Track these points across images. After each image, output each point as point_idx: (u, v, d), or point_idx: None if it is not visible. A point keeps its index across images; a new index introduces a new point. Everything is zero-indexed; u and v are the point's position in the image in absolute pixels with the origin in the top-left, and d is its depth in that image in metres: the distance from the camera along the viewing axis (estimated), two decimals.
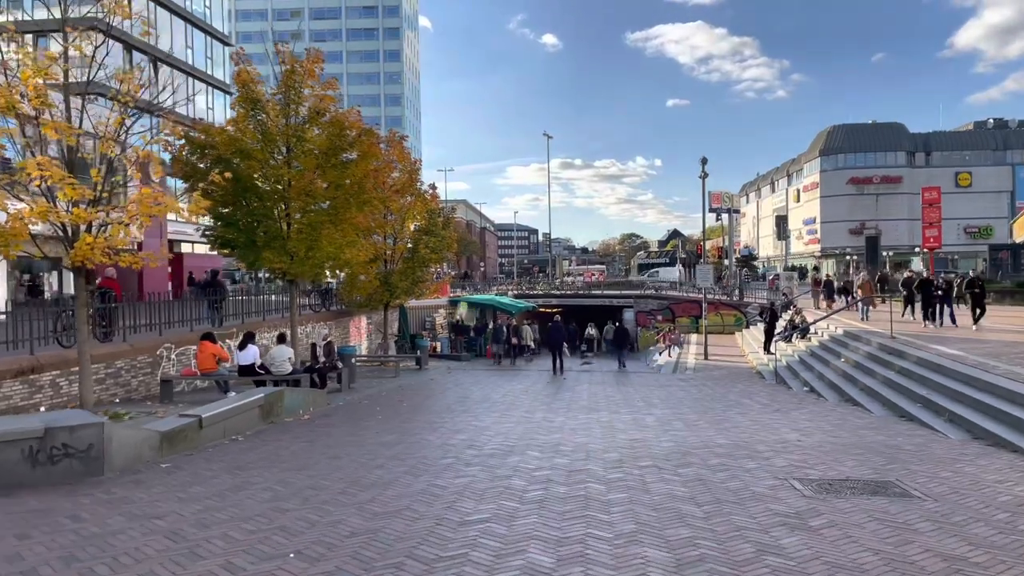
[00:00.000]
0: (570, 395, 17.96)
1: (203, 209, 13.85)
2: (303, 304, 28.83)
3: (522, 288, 56.06)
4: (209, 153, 19.57)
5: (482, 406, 15.48)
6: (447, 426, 12.46)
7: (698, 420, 13.28)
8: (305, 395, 14.52)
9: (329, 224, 20.44)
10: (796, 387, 20.12)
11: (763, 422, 13.04)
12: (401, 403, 16.18)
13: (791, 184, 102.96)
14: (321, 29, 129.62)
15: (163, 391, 16.27)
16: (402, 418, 13.45)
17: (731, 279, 43.39)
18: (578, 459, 9.33)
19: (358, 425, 12.49)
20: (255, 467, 8.83)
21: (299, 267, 20.46)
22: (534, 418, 13.45)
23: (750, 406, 15.62)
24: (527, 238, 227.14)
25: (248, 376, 16.24)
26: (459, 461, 9.14)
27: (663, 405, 15.81)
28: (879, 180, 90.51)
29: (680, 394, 18.39)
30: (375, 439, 10.95)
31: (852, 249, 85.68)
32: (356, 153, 21.29)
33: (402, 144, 29.17)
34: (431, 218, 29.33)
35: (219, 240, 20.15)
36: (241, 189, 19.87)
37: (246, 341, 16.34)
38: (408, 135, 30.43)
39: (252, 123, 20.13)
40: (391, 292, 28.23)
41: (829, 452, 9.86)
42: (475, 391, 18.96)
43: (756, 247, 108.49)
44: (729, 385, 20.64)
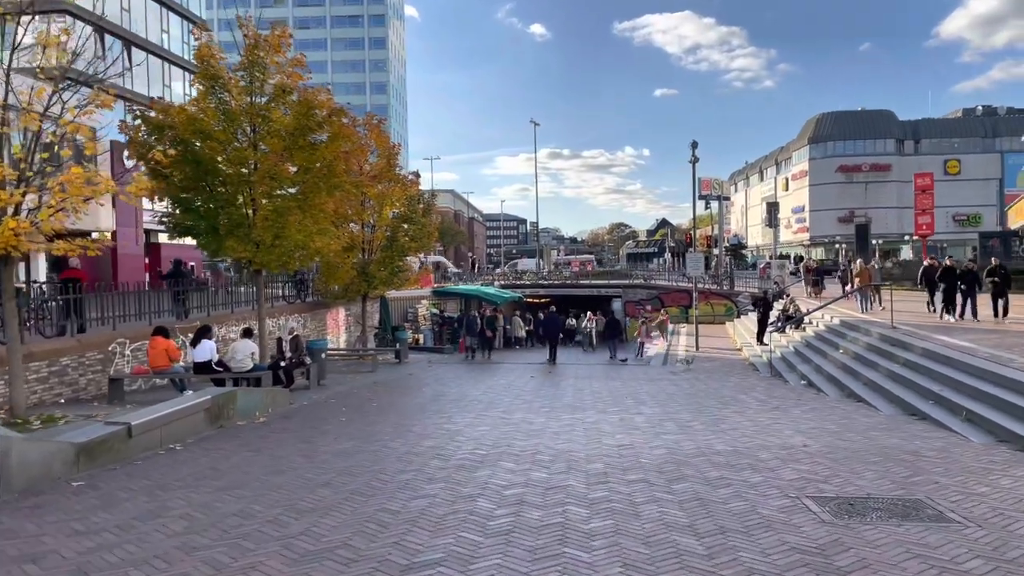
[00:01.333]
0: (554, 392, 16.78)
1: (146, 191, 12.55)
2: (276, 295, 27.58)
3: (509, 278, 54.86)
4: (167, 134, 18.19)
5: (458, 405, 14.28)
6: (415, 430, 11.26)
7: (692, 421, 12.12)
8: (263, 395, 13.28)
9: (297, 210, 19.14)
10: (793, 381, 19.03)
11: (763, 423, 11.90)
12: (371, 402, 14.96)
13: (780, 172, 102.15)
14: (305, 16, 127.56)
15: (112, 391, 14.99)
16: (367, 420, 12.23)
17: (721, 268, 42.29)
18: (557, 472, 8.15)
19: (316, 429, 11.27)
20: (182, 486, 7.60)
21: (265, 256, 19.16)
22: (512, 419, 12.26)
23: (747, 403, 14.49)
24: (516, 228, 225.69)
25: (204, 374, 14.97)
26: (421, 476, 7.93)
27: (653, 403, 14.66)
28: (868, 168, 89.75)
29: (671, 389, 17.25)
30: (331, 447, 9.73)
31: (842, 237, 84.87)
32: (326, 134, 20.00)
33: (380, 127, 27.84)
34: (410, 205, 28.01)
35: (178, 227, 18.82)
36: (202, 172, 18.56)
37: (200, 336, 15.07)
38: (386, 118, 29.02)
39: (214, 101, 18.79)
40: (369, 282, 26.95)
41: (842, 460, 8.71)
42: (453, 387, 17.77)
43: (745, 236, 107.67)
44: (723, 379, 19.52)
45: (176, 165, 18.33)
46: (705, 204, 50.40)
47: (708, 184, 41.62)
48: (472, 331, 28.77)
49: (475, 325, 28.71)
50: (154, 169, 18.69)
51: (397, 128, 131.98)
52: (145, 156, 18.55)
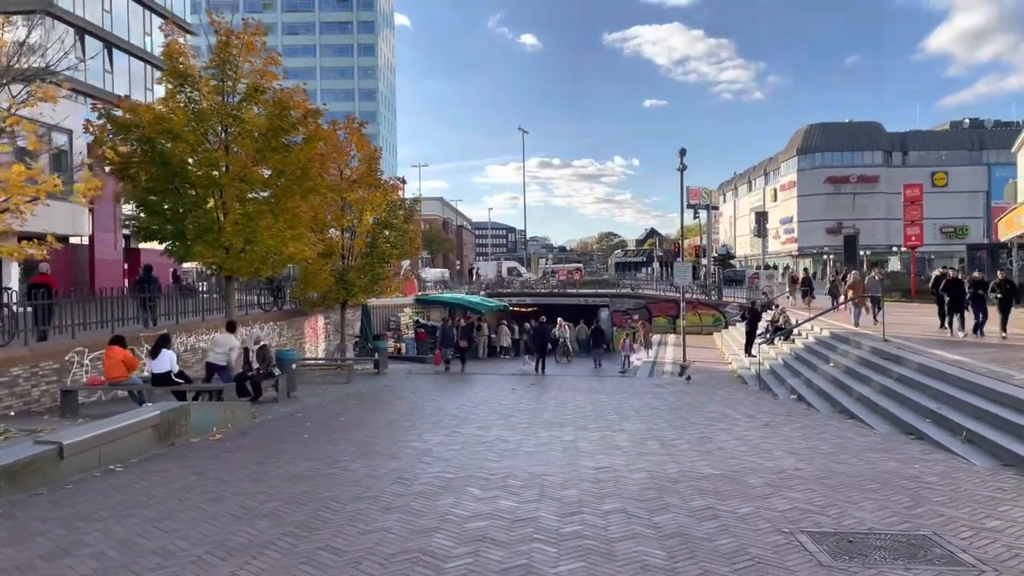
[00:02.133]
0: (534, 406, 16.04)
1: (96, 191, 11.75)
2: (251, 303, 26.75)
3: (495, 287, 54.10)
4: (133, 133, 17.42)
5: (431, 420, 13.53)
6: (381, 448, 10.50)
7: (677, 439, 11.42)
8: (221, 410, 12.48)
9: (269, 214, 18.40)
10: (782, 395, 18.36)
11: (752, 441, 11.21)
12: (339, 416, 14.18)
13: (768, 183, 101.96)
14: (294, 22, 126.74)
15: (64, 403, 14.15)
16: (331, 438, 11.46)
17: (709, 277, 41.71)
18: (528, 500, 7.42)
19: (274, 448, 10.49)
20: (108, 516, 6.83)
21: (235, 262, 18.42)
22: (487, 437, 11.52)
23: (735, 419, 13.80)
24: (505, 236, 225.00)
25: (164, 386, 14.15)
26: (376, 504, 7.19)
27: (637, 418, 13.94)
28: (856, 179, 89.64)
29: (656, 403, 16.55)
30: (284, 469, 8.96)
31: (830, 248, 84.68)
32: (301, 136, 19.29)
33: (360, 131, 27.08)
34: (391, 210, 27.26)
35: (142, 231, 18.01)
36: (170, 174, 17.80)
37: (160, 346, 14.24)
38: (368, 122, 28.27)
39: (183, 101, 18.05)
40: (348, 290, 26.15)
41: (837, 487, 8.02)
42: (429, 401, 17.01)
43: (734, 246, 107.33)
44: (710, 392, 18.84)
45: (142, 166, 17.62)
46: (694, 214, 49.88)
47: (697, 193, 41.06)
48: (447, 342, 26.81)
49: (451, 336, 26.81)
50: (120, 170, 17.97)
51: (386, 135, 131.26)
52: (110, 158, 17.83)
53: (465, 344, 27.00)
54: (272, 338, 25.27)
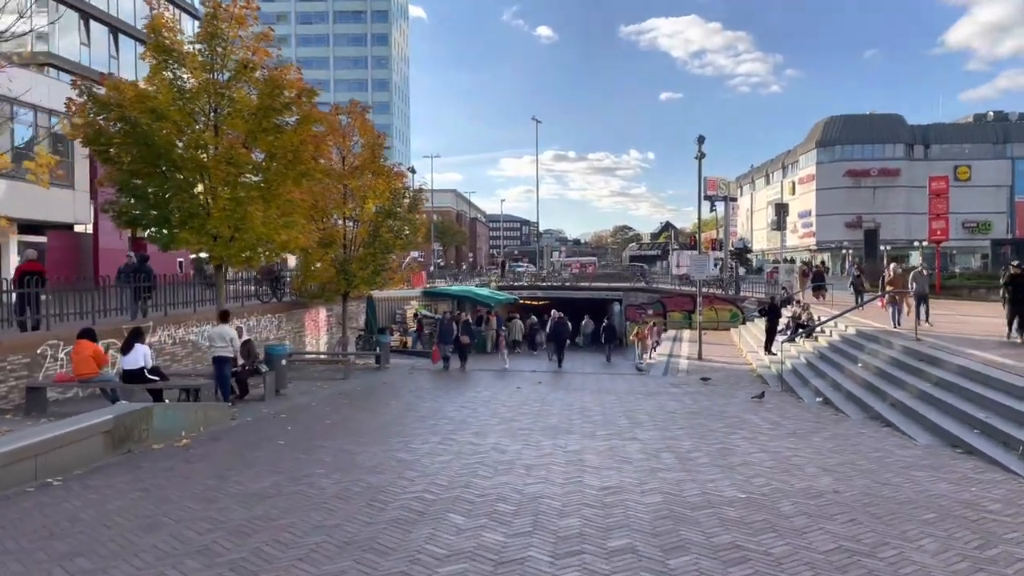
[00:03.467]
0: (538, 408, 14.83)
1: (48, 167, 10.62)
2: (248, 294, 25.68)
3: (506, 280, 52.92)
4: (114, 112, 16.31)
5: (424, 425, 12.35)
6: (362, 459, 9.33)
7: (694, 450, 10.19)
8: (192, 411, 11.36)
9: (260, 200, 17.26)
10: (807, 398, 17.09)
11: (779, 454, 9.97)
12: (326, 418, 13.02)
13: (786, 176, 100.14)
14: (307, 11, 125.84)
15: (30, 401, 13.13)
16: (310, 444, 10.30)
17: (726, 271, 40.33)
18: (519, 531, 6.23)
19: (242, 458, 9.35)
20: (13, 549, 5.70)
21: (223, 250, 17.30)
22: (482, 446, 10.33)
23: (757, 427, 12.55)
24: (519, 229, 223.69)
25: (136, 383, 13.05)
26: (336, 537, 6.02)
27: (651, 424, 12.71)
28: (877, 173, 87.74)
29: (672, 406, 15.31)
30: (245, 485, 7.82)
31: (849, 243, 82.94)
32: (295, 117, 18.14)
33: (364, 116, 25.90)
34: (395, 198, 26.06)
35: (123, 216, 16.91)
36: (153, 156, 16.67)
37: (132, 340, 13.14)
38: (371, 107, 27.08)
39: (169, 78, 16.91)
40: (349, 281, 25.02)
41: (886, 517, 6.80)
42: (427, 401, 15.84)
43: (750, 240, 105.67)
44: (728, 394, 17.57)
45: (123, 147, 16.50)
46: (711, 206, 48.42)
47: (714, 184, 39.66)
48: (446, 338, 24.56)
49: (450, 331, 24.56)
50: (100, 152, 16.90)
51: (400, 126, 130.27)
52: (92, 138, 16.74)
53: (467, 340, 24.90)
54: (270, 331, 24.24)
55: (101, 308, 17.66)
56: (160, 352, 18.40)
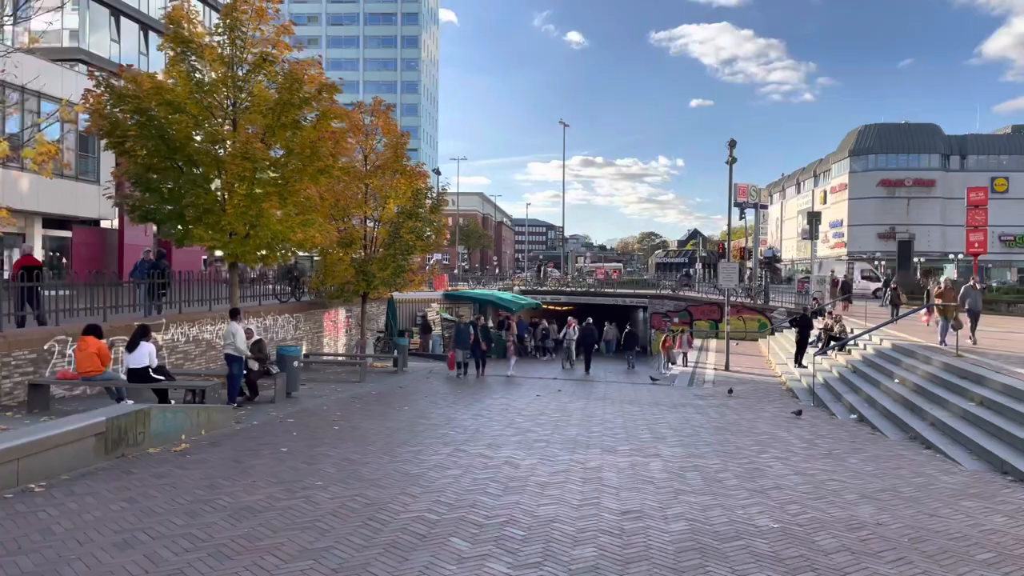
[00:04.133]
0: (557, 417, 14.19)
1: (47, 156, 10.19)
2: (267, 293, 25.32)
3: (529, 284, 52.28)
4: (129, 103, 15.95)
5: (436, 434, 11.77)
6: (365, 471, 8.76)
7: (723, 471, 9.50)
8: (193, 414, 10.86)
9: (276, 197, 16.83)
10: (840, 414, 16.29)
11: (814, 477, 9.26)
12: (334, 424, 12.48)
13: (818, 185, 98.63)
14: (338, 12, 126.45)
15: (32, 399, 12.70)
16: (313, 452, 9.75)
17: (755, 280, 39.37)
18: (527, 562, 5.61)
19: (240, 465, 8.81)
20: None
21: (238, 247, 16.87)
22: (495, 459, 9.72)
23: (790, 444, 11.82)
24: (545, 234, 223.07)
25: (140, 383, 12.60)
26: (322, 564, 5.43)
27: (675, 439, 12.03)
28: (911, 183, 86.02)
29: (698, 419, 14.60)
30: (237, 498, 7.27)
31: (882, 254, 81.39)
32: (314, 113, 17.70)
33: (388, 115, 25.45)
34: (417, 199, 25.57)
35: (137, 210, 16.53)
36: (169, 150, 16.30)
37: (138, 338, 12.68)
38: (393, 105, 26.62)
39: (186, 69, 16.55)
40: (368, 282, 24.56)
41: (938, 556, 6.09)
42: (441, 407, 15.27)
43: (779, 249, 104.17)
44: (757, 408, 16.82)
45: (139, 140, 16.14)
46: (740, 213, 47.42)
47: (745, 191, 38.75)
48: (463, 343, 23.40)
49: (467, 336, 23.38)
50: (116, 144, 16.55)
51: (428, 128, 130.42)
52: (108, 130, 16.40)
53: (486, 347, 23.88)
54: (287, 331, 23.83)
55: (114, 304, 17.33)
56: (173, 350, 18.04)
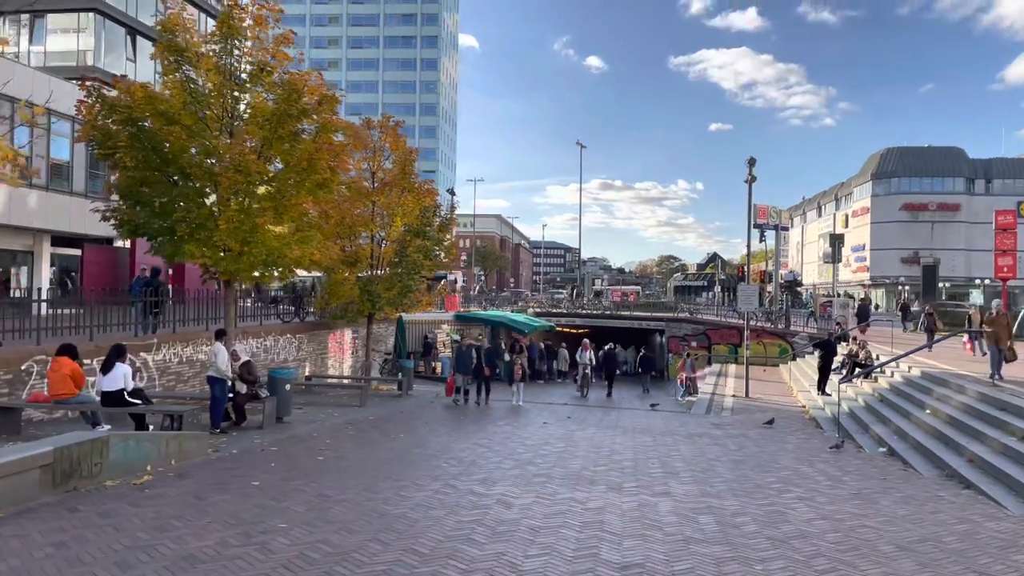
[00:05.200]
0: (562, 448, 13.21)
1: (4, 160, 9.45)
2: (266, 312, 24.58)
3: (544, 306, 51.33)
4: (119, 113, 15.29)
5: (428, 465, 10.85)
6: (338, 511, 7.83)
7: (740, 513, 8.50)
8: (164, 441, 9.99)
9: (271, 212, 16.07)
10: (868, 446, 15.20)
11: (843, 523, 8.23)
12: (320, 453, 11.55)
13: (839, 208, 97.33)
14: (359, 36, 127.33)
15: (2, 423, 11.92)
16: (286, 488, 8.84)
17: (776, 304, 38.20)
18: None
19: (201, 503, 7.92)
20: None
21: (231, 264, 16.09)
22: (486, 498, 8.77)
23: (815, 483, 10.77)
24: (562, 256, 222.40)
25: (114, 407, 11.79)
26: None
27: (688, 474, 11.03)
28: (935, 207, 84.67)
29: (714, 451, 13.57)
30: (183, 545, 6.38)
31: (906, 279, 79.79)
32: (314, 126, 16.98)
33: (396, 130, 24.78)
34: (424, 217, 24.80)
35: (125, 225, 15.81)
36: (161, 162, 15.62)
37: (112, 358, 11.89)
38: (403, 120, 25.93)
39: (181, 79, 15.89)
40: (373, 302, 23.77)
41: None
42: (440, 435, 14.35)
43: (800, 274, 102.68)
44: (779, 439, 15.75)
45: (128, 151, 15.46)
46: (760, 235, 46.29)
47: (764, 212, 37.68)
48: (463, 366, 21.38)
49: (467, 359, 21.32)
50: (107, 155, 15.89)
51: (446, 150, 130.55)
52: (99, 141, 15.74)
53: (488, 371, 21.75)
54: (288, 352, 23.06)
55: (101, 322, 16.62)
56: (165, 371, 17.30)
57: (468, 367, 21.36)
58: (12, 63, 25.81)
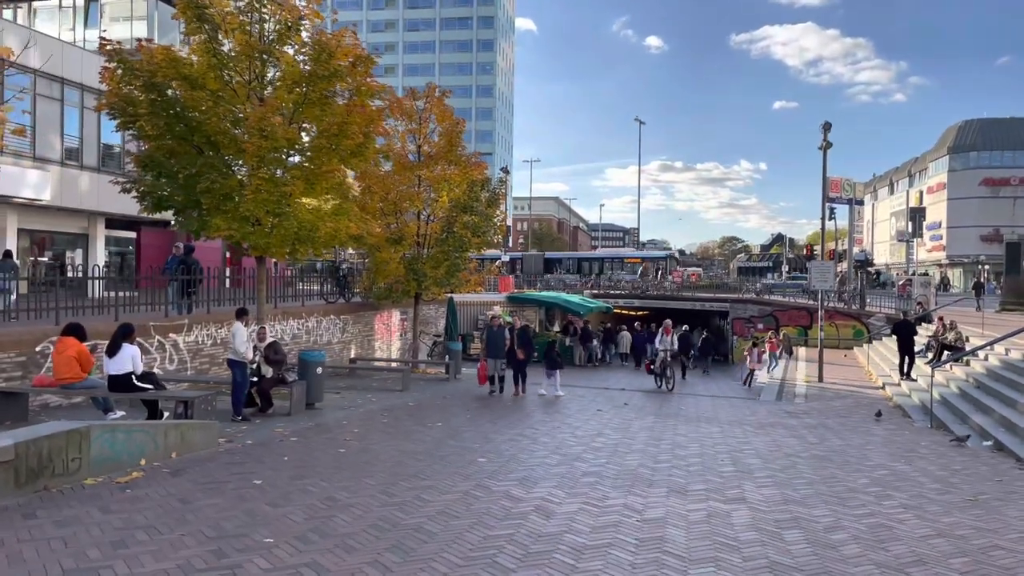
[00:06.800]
0: (617, 440, 11.70)
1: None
2: (309, 291, 23.61)
3: (601, 287, 49.57)
4: (139, 78, 14.24)
5: (462, 460, 9.49)
6: (340, 520, 6.51)
7: (835, 527, 6.91)
8: (160, 433, 8.81)
9: (302, 181, 14.89)
10: (971, 440, 13.31)
11: (967, 540, 6.58)
12: (342, 445, 10.29)
13: (913, 186, 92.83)
14: (415, 18, 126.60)
15: (5, 408, 10.98)
16: (289, 489, 7.56)
17: (849, 284, 35.81)
18: None
19: (184, 507, 6.70)
20: None
21: (262, 238, 14.97)
22: (524, 503, 7.35)
23: (918, 485, 9.06)
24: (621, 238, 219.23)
25: (122, 392, 10.74)
26: None
27: (765, 474, 9.43)
28: (1017, 182, 79.83)
29: (792, 445, 11.91)
30: (139, 565, 5.14)
31: (986, 257, 75.51)
32: (349, 90, 15.73)
33: (442, 101, 23.42)
34: (471, 191, 23.41)
35: (147, 197, 14.79)
36: (185, 130, 14.55)
37: (119, 339, 10.81)
38: (450, 91, 24.53)
39: (205, 40, 14.77)
40: (419, 282, 22.57)
41: None
42: (480, 423, 12.98)
43: (871, 253, 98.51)
44: (863, 431, 13.95)
45: (149, 119, 14.42)
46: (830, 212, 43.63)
47: (838, 185, 35.20)
48: (495, 350, 18.12)
49: (500, 342, 18.11)
50: (125, 124, 14.89)
51: (503, 133, 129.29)
52: (121, 108, 14.74)
53: (523, 355, 18.28)
54: (332, 334, 22.04)
55: (127, 303, 15.74)
56: (197, 353, 16.38)
57: (501, 350, 18.11)
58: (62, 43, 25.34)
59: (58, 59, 24.16)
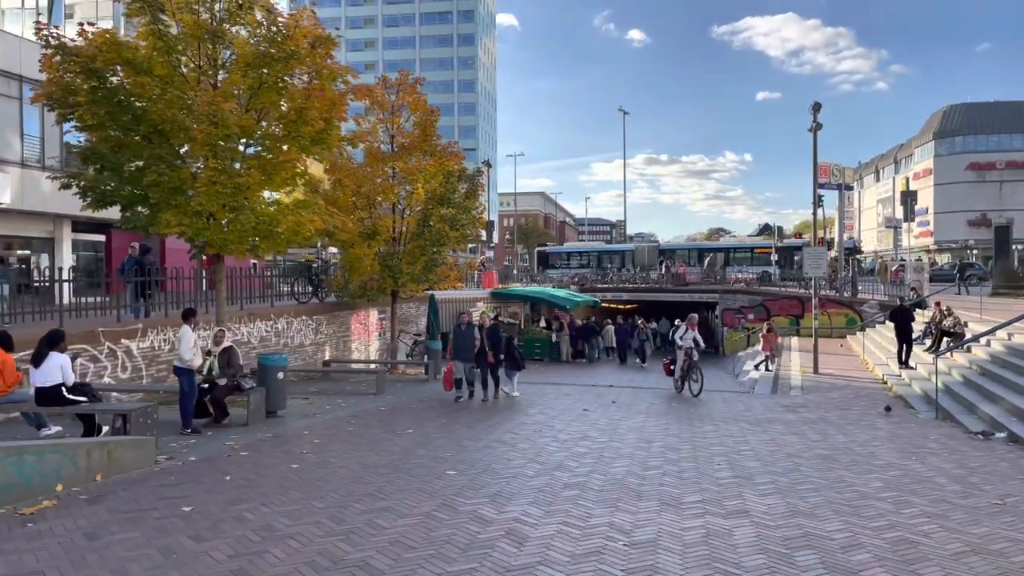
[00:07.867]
0: (603, 444, 10.70)
1: None
2: (282, 292, 22.51)
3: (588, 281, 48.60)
4: (78, 63, 13.11)
5: (429, 473, 8.47)
6: (272, 557, 5.48)
7: (852, 544, 5.94)
8: (82, 453, 7.74)
9: (258, 172, 13.79)
10: (980, 430, 12.41)
11: (1009, 558, 5.63)
12: (293, 462, 9.23)
13: (899, 172, 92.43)
14: (394, 14, 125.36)
15: None
16: (221, 516, 6.53)
17: (840, 271, 35.02)
18: None
19: (87, 544, 5.66)
20: None
21: (217, 234, 13.88)
22: (493, 525, 6.34)
23: (937, 487, 8.11)
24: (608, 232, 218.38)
25: (51, 405, 9.65)
26: None
27: (767, 479, 8.45)
28: (1003, 165, 79.63)
29: (793, 443, 10.95)
30: None
31: (975, 242, 75.17)
32: (308, 74, 14.65)
33: (415, 89, 22.36)
34: (448, 182, 22.36)
35: (89, 193, 13.65)
36: (130, 120, 13.44)
37: (44, 348, 9.71)
38: (424, 78, 23.45)
39: (149, 22, 13.64)
40: (395, 279, 21.52)
41: None
42: (456, 428, 11.96)
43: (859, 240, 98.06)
44: (867, 424, 13.02)
45: (90, 107, 13.28)
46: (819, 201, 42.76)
47: (826, 170, 34.37)
48: (463, 352, 16.15)
49: (469, 342, 16.11)
50: (67, 115, 13.75)
51: (485, 128, 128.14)
52: (60, 97, 13.59)
53: (493, 359, 16.23)
54: (305, 336, 20.95)
55: (72, 307, 14.62)
56: (153, 360, 15.26)
57: (470, 352, 16.10)
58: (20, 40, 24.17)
59: (16, 56, 23.03)
